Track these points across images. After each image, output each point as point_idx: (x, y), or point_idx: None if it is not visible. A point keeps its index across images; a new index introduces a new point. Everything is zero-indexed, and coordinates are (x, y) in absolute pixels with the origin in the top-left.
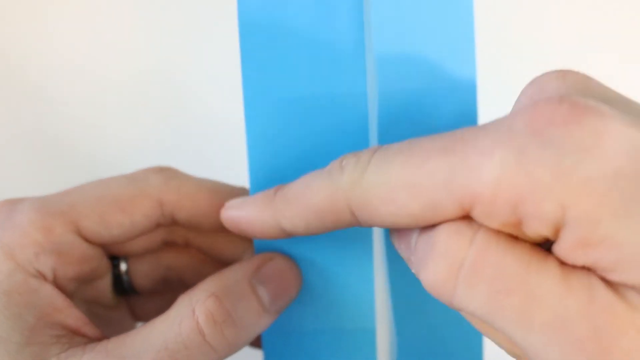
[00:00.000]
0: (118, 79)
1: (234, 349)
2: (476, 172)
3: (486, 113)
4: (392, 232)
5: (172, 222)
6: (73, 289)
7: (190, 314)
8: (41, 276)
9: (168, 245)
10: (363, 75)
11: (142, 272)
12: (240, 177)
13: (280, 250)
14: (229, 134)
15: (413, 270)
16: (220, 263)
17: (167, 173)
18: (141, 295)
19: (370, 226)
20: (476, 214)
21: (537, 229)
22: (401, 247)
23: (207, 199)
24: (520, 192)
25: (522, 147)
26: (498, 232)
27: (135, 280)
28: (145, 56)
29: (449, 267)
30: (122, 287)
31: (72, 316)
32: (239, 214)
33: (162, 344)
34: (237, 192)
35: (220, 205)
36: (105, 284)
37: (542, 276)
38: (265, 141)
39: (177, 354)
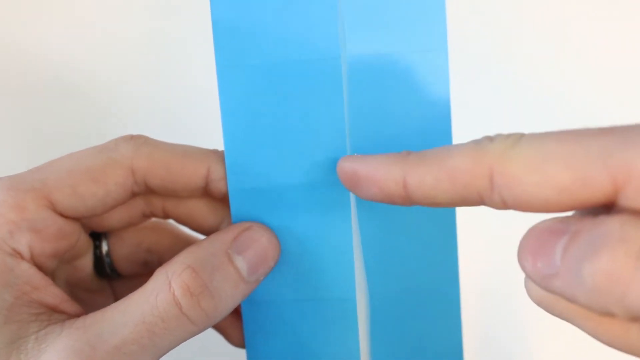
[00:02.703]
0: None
1: (213, 320)
2: (637, 147)
3: (458, 82)
4: (526, 248)
5: (147, 190)
6: (53, 267)
7: (166, 286)
8: (17, 254)
9: (149, 227)
10: (336, 39)
11: (123, 254)
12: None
13: (258, 219)
14: (206, 103)
15: (558, 285)
16: (201, 233)
17: (137, 140)
18: (123, 279)
19: (501, 203)
20: (629, 192)
21: None
22: (537, 265)
23: (179, 163)
24: None
25: None
26: None
27: (116, 262)
28: (127, 29)
29: (629, 252)
30: (104, 268)
31: (51, 294)
32: (361, 165)
33: (139, 317)
34: (209, 155)
35: (192, 169)
36: (86, 264)
37: None
38: (239, 108)
39: (154, 327)
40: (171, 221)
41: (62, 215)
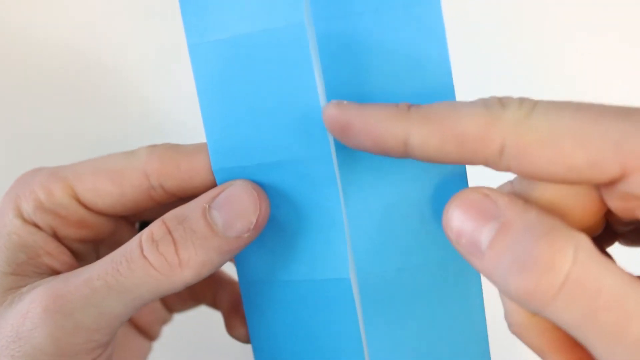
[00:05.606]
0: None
1: (177, 269)
2: None
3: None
4: (450, 222)
5: (165, 193)
6: (82, 250)
7: (139, 235)
8: (37, 227)
9: None
10: (300, 5)
11: None
12: None
13: None
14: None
15: (481, 269)
16: None
17: (155, 146)
18: None
19: (505, 168)
20: (633, 179)
21: None
22: (461, 241)
23: (189, 159)
24: None
25: None
26: (594, 248)
27: None
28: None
29: (554, 281)
30: None
31: (60, 261)
32: (357, 116)
33: (110, 257)
34: None
35: (203, 164)
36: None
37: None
38: (214, 85)
39: (119, 266)
40: None
41: (86, 207)
